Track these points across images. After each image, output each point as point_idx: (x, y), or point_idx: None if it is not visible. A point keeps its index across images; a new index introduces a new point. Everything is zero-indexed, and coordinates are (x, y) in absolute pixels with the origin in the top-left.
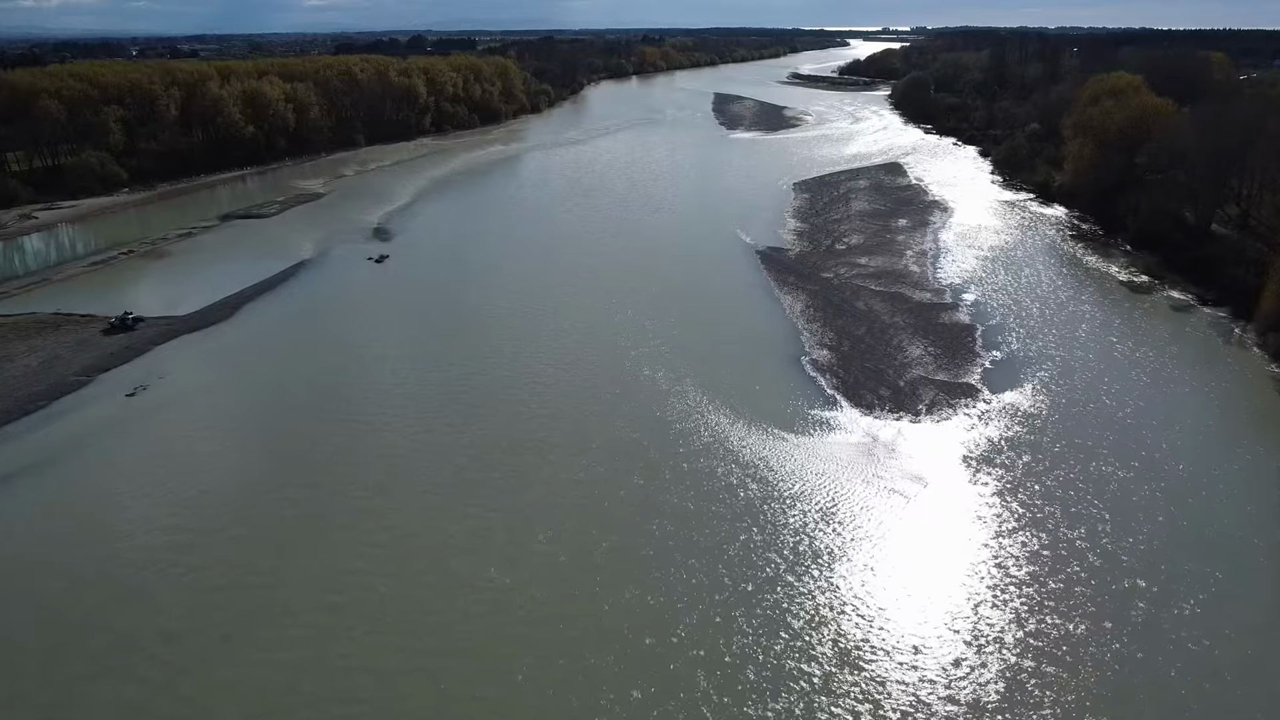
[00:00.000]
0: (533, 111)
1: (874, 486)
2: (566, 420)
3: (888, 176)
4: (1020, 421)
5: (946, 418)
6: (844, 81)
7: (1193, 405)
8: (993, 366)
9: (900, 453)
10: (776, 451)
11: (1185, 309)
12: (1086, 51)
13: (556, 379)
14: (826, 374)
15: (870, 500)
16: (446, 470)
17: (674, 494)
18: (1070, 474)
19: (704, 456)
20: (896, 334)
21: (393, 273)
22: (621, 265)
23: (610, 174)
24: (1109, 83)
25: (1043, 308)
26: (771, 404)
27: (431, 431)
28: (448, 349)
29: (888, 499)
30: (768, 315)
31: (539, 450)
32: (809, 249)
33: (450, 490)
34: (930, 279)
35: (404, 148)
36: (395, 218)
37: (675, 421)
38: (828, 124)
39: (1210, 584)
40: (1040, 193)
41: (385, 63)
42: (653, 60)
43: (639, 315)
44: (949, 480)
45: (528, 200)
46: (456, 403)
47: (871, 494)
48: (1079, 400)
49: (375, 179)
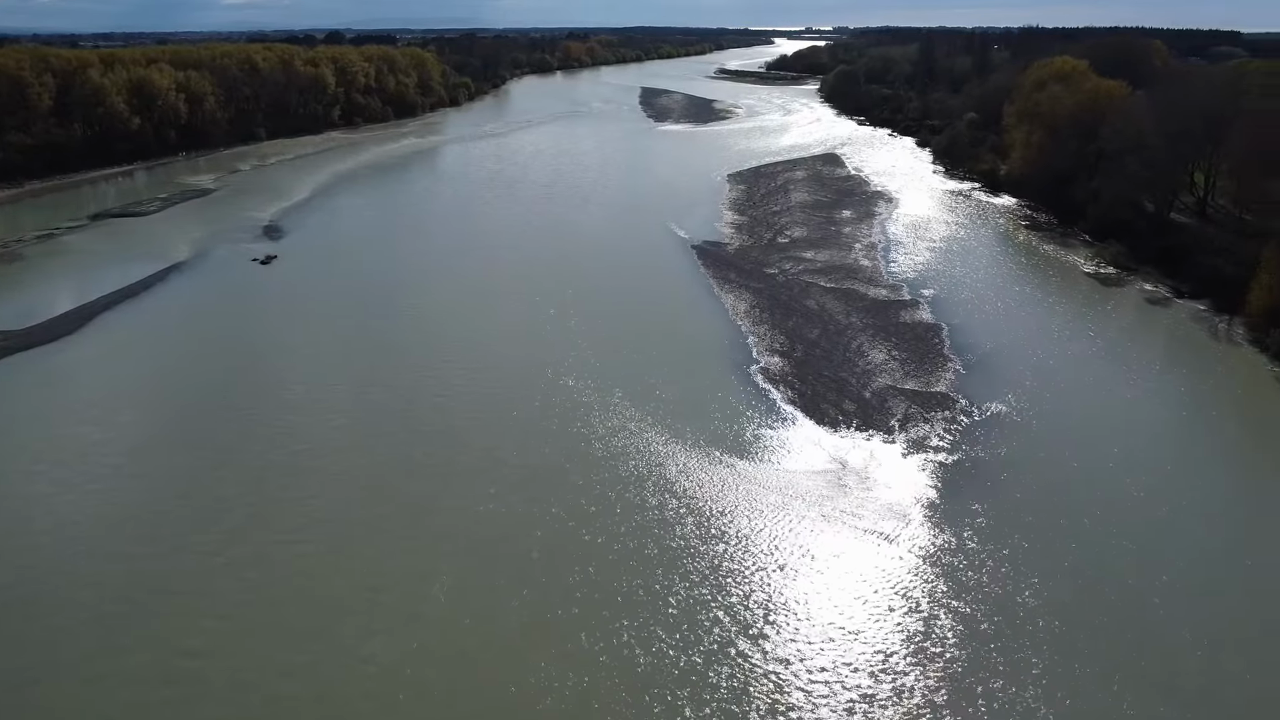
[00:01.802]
0: (452, 105)
1: (846, 526)
2: (476, 440)
3: (826, 167)
4: (1009, 437)
5: (924, 436)
6: (772, 76)
7: (1200, 414)
8: (966, 371)
9: (875, 481)
10: (724, 481)
11: (1162, 302)
12: (1018, 44)
13: (466, 392)
14: (780, 385)
15: (843, 544)
16: (325, 507)
17: (600, 532)
18: (1082, 500)
19: (636, 485)
20: (855, 336)
21: (280, 275)
22: (544, 263)
23: (534, 166)
24: (1054, 67)
25: (1009, 303)
26: (717, 422)
27: (306, 461)
28: (336, 361)
29: (865, 542)
30: (708, 317)
31: (442, 477)
32: (749, 243)
33: (332, 531)
34: (884, 273)
35: (310, 141)
36: (290, 214)
37: (602, 442)
38: (759, 116)
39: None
40: (987, 182)
41: (290, 51)
42: (578, 56)
43: (563, 317)
44: (937, 516)
45: (442, 194)
46: (343, 424)
47: (844, 536)
48: (1070, 409)
49: (274, 174)
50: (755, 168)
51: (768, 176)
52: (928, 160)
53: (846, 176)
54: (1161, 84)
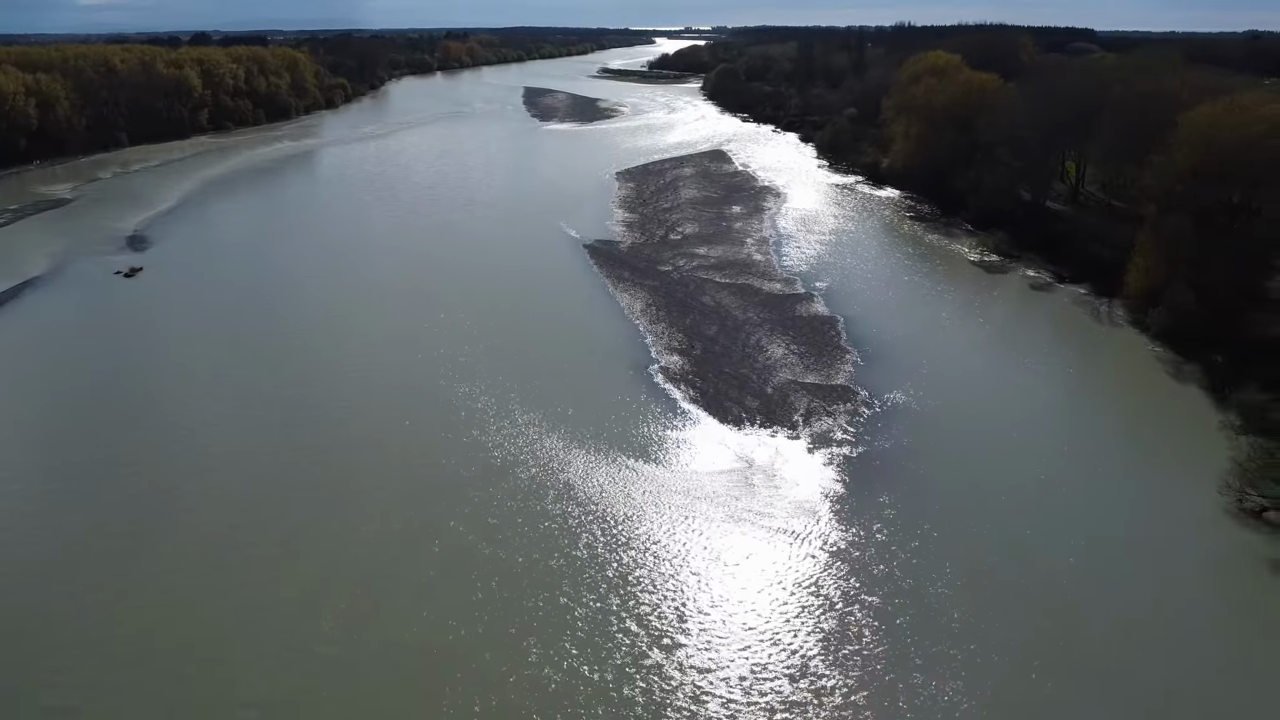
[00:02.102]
0: (328, 107)
1: (756, 526)
2: (364, 455)
3: (713, 163)
4: (911, 426)
5: (828, 430)
6: (655, 75)
7: (1089, 394)
8: (865, 363)
9: (782, 478)
10: (629, 486)
11: (1044, 287)
12: (891, 41)
13: (351, 405)
14: (681, 384)
15: (754, 544)
16: (198, 537)
17: (501, 545)
18: (986, 487)
19: (537, 494)
20: (753, 331)
21: (146, 288)
22: (430, 267)
23: (416, 168)
24: (928, 61)
25: (901, 293)
26: (618, 424)
27: (175, 487)
28: (211, 377)
29: (776, 541)
30: (604, 316)
31: (329, 497)
32: (642, 240)
33: (205, 562)
34: (777, 268)
35: (176, 146)
36: (155, 224)
37: (500, 450)
38: (644, 114)
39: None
40: (870, 175)
41: (151, 52)
42: (458, 55)
43: (452, 322)
44: (846, 511)
45: (319, 199)
46: (216, 445)
47: (754, 536)
48: (966, 395)
49: (137, 181)
50: (643, 165)
51: (656, 174)
52: (811, 155)
53: (734, 172)
54: (1032, 76)
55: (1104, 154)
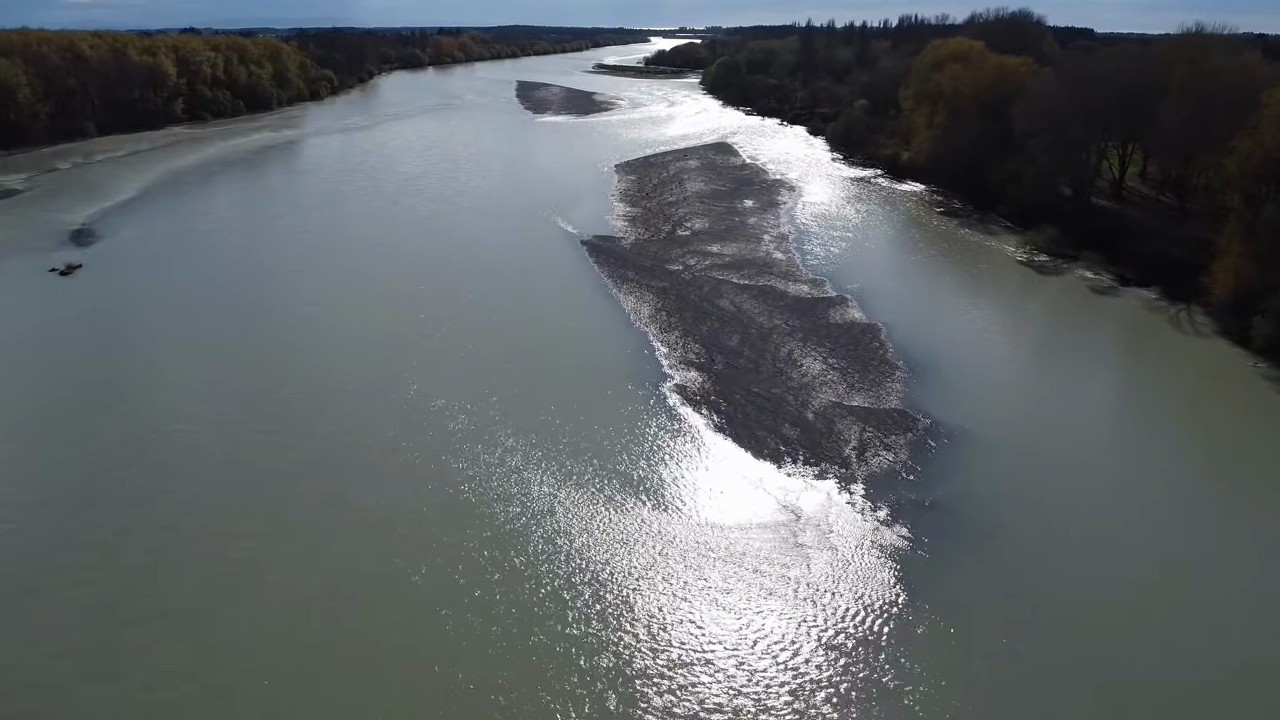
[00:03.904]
0: (313, 99)
1: (812, 610)
2: (316, 484)
3: (719, 156)
4: (986, 464)
5: (889, 469)
6: (652, 70)
7: (1189, 423)
8: (917, 380)
9: (840, 536)
10: (640, 544)
11: (1107, 291)
12: (897, 35)
13: (306, 421)
14: (702, 407)
15: (813, 645)
16: (104, 593)
17: (468, 614)
18: (1096, 548)
19: (518, 548)
20: (782, 341)
21: (81, 287)
22: (411, 264)
23: (401, 159)
24: (950, 47)
25: (943, 296)
26: (625, 458)
27: (87, 523)
28: (141, 390)
29: (845, 642)
30: (606, 322)
31: (269, 536)
32: (646, 236)
33: (104, 635)
34: (801, 267)
35: (148, 137)
36: (108, 217)
37: (476, 484)
38: (642, 108)
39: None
40: (889, 168)
41: (123, 39)
42: (450, 51)
43: (433, 325)
44: (937, 595)
45: (292, 191)
46: (136, 469)
47: (811, 627)
48: (1044, 421)
49: (98, 171)
50: (645, 158)
51: (659, 166)
52: (823, 148)
53: (742, 165)
54: (1069, 61)
55: (1164, 142)
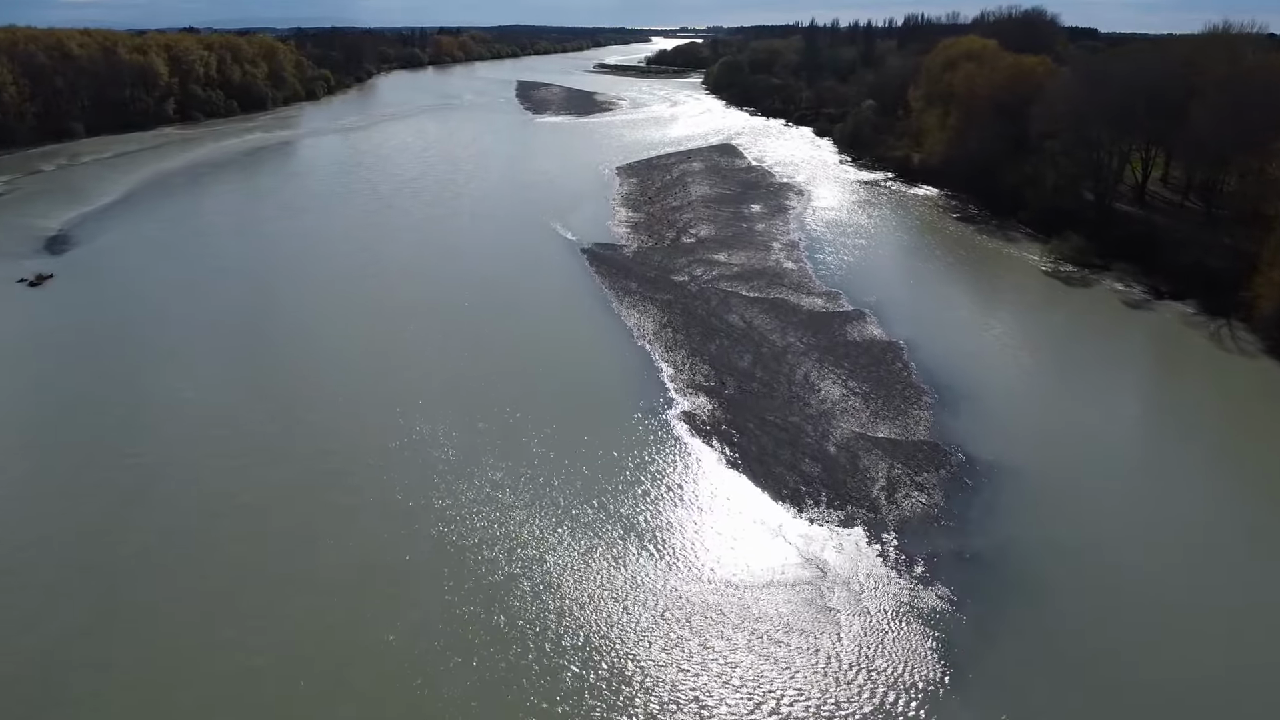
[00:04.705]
0: (309, 99)
1: (842, 687)
2: (281, 522)
3: (724, 158)
4: (1031, 507)
5: (923, 514)
6: (652, 70)
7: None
8: (945, 407)
9: (875, 596)
10: (642, 601)
11: (1140, 304)
12: (903, 34)
13: (272, 450)
14: (713, 437)
15: None
16: (36, 646)
17: (452, 691)
18: (1160, 608)
19: (506, 605)
20: (798, 362)
21: (49, 300)
22: (401, 273)
23: (396, 160)
24: (962, 46)
25: (966, 311)
26: (625, 498)
27: (16, 574)
28: (92, 419)
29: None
30: (607, 340)
31: (227, 588)
32: (650, 244)
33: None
34: (813, 277)
35: (138, 138)
36: (87, 222)
37: (463, 526)
38: (644, 108)
39: None
40: (900, 171)
41: (113, 37)
42: (450, 50)
43: (418, 342)
44: (986, 670)
45: (283, 193)
46: (78, 510)
47: (842, 706)
48: (1088, 453)
49: (82, 174)
50: (647, 159)
51: (662, 169)
52: (831, 149)
53: (748, 168)
54: (1094, 59)
55: (1194, 144)
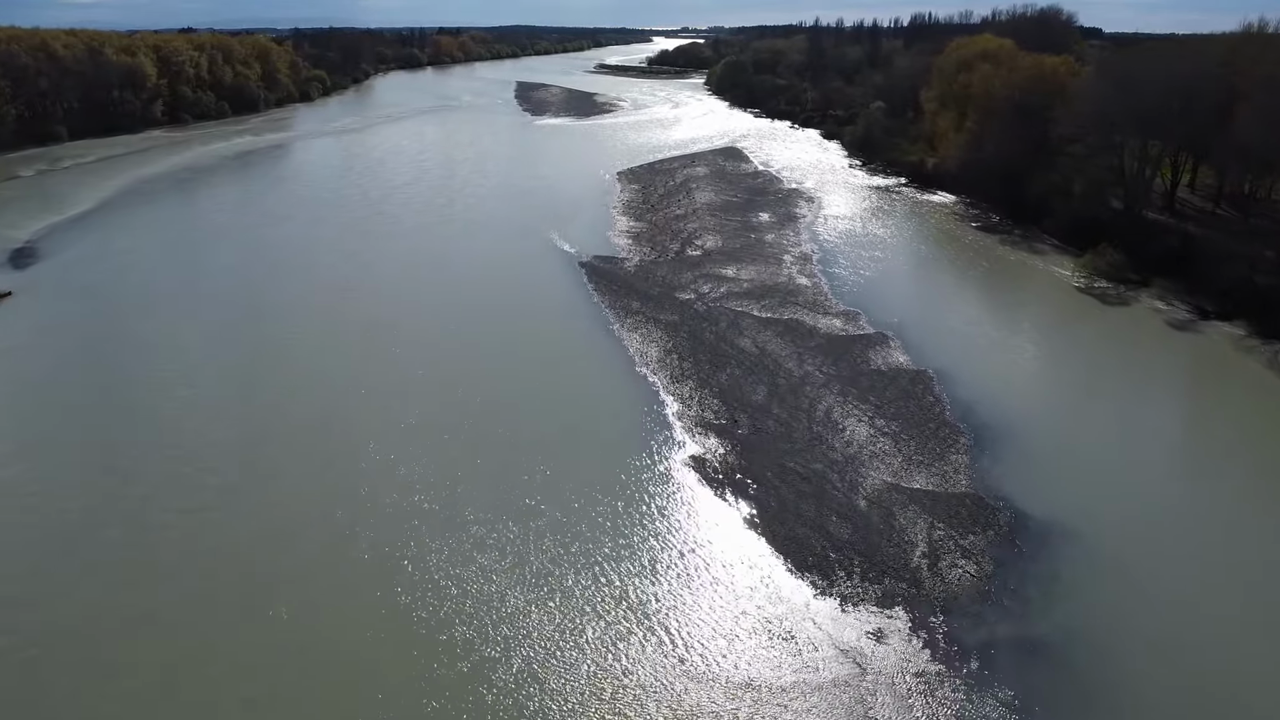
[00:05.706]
0: (303, 100)
1: None
2: (230, 592)
3: (729, 162)
4: (1094, 582)
5: (971, 588)
6: (654, 71)
7: None
8: (986, 451)
9: (926, 699)
10: (640, 705)
11: (1185, 326)
12: (909, 33)
13: (224, 501)
14: (727, 489)
15: None
16: None
17: None
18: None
19: (478, 702)
20: (819, 395)
21: (5, 321)
22: (386, 289)
23: (392, 164)
24: (977, 46)
25: (996, 334)
26: (624, 566)
27: None
28: (37, 457)
29: None
30: (606, 368)
31: (173, 655)
32: (653, 257)
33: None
34: (829, 295)
35: (124, 141)
36: (56, 233)
37: (436, 596)
38: (645, 109)
39: None
40: (914, 176)
41: (100, 37)
42: (449, 50)
43: (401, 370)
44: None
45: (268, 199)
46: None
47: None
48: (1158, 504)
49: (60, 179)
50: (649, 164)
51: (665, 174)
52: (840, 153)
53: (754, 173)
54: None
55: (1236, 149)
